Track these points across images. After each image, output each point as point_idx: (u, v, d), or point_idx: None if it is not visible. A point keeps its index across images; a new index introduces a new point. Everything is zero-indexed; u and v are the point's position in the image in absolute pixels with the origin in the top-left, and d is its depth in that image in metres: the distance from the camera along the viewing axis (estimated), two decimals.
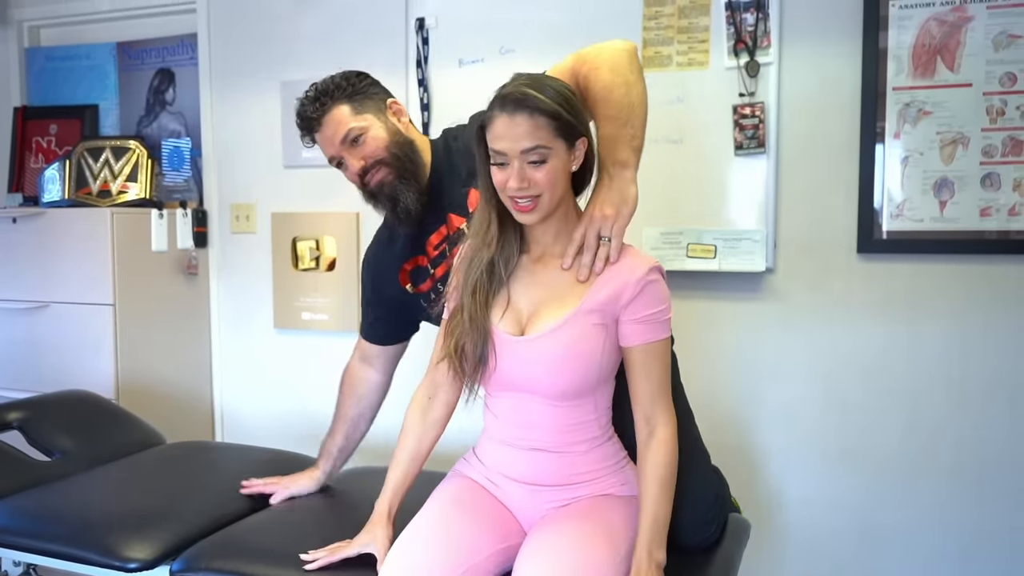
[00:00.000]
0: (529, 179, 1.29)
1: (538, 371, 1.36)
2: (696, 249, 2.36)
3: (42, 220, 2.75)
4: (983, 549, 2.21)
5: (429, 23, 2.62)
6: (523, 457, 1.41)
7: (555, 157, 1.30)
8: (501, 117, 1.30)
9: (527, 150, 1.28)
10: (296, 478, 1.81)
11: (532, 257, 1.42)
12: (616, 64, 1.46)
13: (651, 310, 1.35)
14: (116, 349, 2.67)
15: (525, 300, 1.40)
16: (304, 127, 1.63)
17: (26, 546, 1.63)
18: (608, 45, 1.50)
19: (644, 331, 1.36)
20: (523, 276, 1.41)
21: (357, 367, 1.83)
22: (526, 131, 1.28)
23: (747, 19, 2.28)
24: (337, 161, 1.63)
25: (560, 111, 1.29)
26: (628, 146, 1.43)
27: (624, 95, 1.44)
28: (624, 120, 1.44)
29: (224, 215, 2.96)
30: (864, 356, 2.27)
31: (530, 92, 1.29)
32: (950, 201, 2.16)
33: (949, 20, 2.14)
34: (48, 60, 3.24)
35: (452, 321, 1.42)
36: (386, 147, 1.61)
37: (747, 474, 2.38)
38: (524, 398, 1.40)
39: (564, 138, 1.31)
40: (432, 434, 1.51)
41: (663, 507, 1.35)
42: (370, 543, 1.44)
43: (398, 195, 1.61)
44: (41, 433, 2.03)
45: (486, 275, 1.39)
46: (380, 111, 1.63)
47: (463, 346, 1.39)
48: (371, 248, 1.80)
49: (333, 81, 1.62)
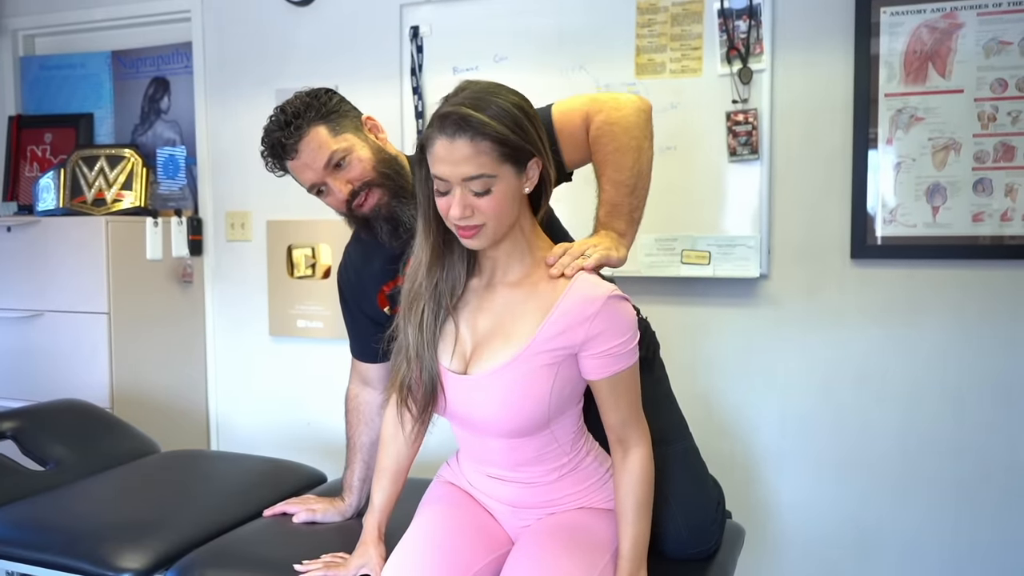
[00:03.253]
0: (473, 207, 1.18)
1: (484, 411, 1.28)
2: (690, 255, 2.37)
3: (37, 229, 2.75)
4: (978, 555, 2.21)
5: (423, 31, 2.62)
6: (494, 484, 1.39)
7: (501, 183, 1.19)
8: (440, 140, 1.17)
9: (468, 178, 1.17)
10: (323, 504, 1.70)
11: (482, 282, 1.32)
12: (631, 126, 1.42)
13: (613, 342, 1.24)
14: (111, 358, 2.67)
15: (470, 332, 1.30)
16: (275, 155, 1.48)
17: (19, 556, 1.62)
18: (626, 100, 1.45)
19: (608, 364, 1.25)
20: (471, 301, 1.31)
21: (359, 392, 1.72)
22: (466, 156, 1.16)
23: (740, 26, 2.29)
24: (318, 189, 1.50)
25: (506, 134, 1.17)
26: (628, 218, 1.40)
27: (635, 162, 1.40)
28: (631, 189, 1.40)
29: (219, 223, 2.96)
30: (858, 361, 2.28)
31: (471, 114, 1.16)
32: (943, 207, 2.17)
33: (940, 27, 2.15)
34: (43, 69, 3.24)
35: (397, 356, 1.33)
36: (373, 167, 1.49)
37: (741, 480, 2.38)
38: (475, 435, 1.35)
39: (512, 162, 1.19)
40: (409, 450, 1.47)
41: (642, 528, 1.30)
42: (365, 564, 1.42)
43: (398, 215, 1.50)
44: (35, 443, 2.02)
45: (430, 307, 1.29)
46: (358, 129, 1.52)
47: (408, 383, 1.31)
48: (346, 265, 1.69)
49: (302, 101, 1.48)
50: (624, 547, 1.30)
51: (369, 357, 1.70)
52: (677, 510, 1.46)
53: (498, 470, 1.37)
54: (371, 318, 1.67)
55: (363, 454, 1.70)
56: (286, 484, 1.90)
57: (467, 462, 1.44)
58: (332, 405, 2.07)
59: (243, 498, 1.81)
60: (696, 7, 2.33)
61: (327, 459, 2.24)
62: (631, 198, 1.40)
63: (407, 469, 1.49)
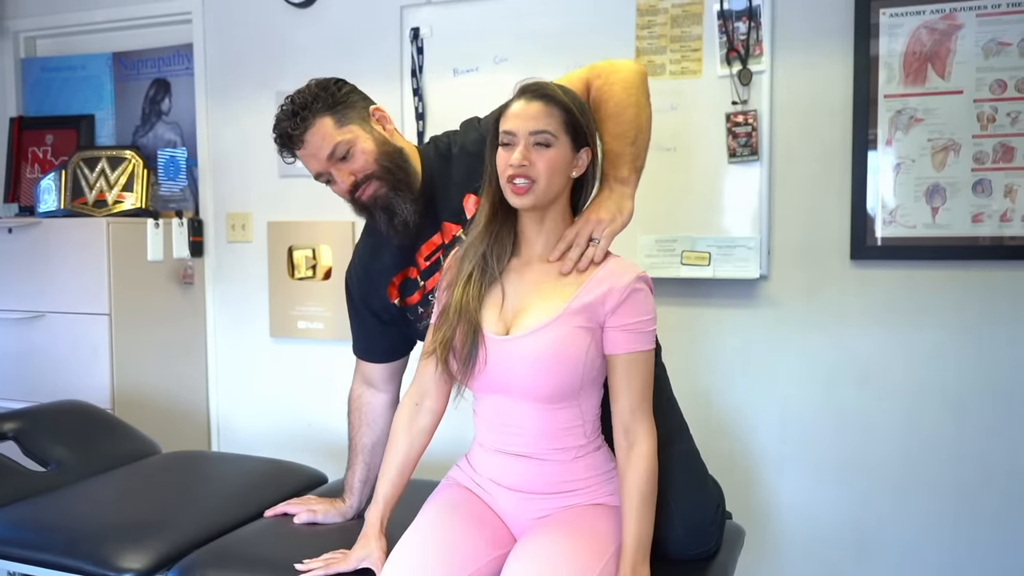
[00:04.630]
0: (530, 159, 1.32)
1: (521, 371, 1.35)
2: (690, 256, 2.37)
3: (38, 230, 2.76)
4: (978, 558, 2.21)
5: (424, 32, 2.63)
6: (509, 464, 1.40)
7: (559, 147, 1.33)
8: (518, 102, 1.35)
9: (535, 131, 1.32)
10: (324, 505, 1.71)
11: (522, 260, 1.42)
12: (629, 84, 1.50)
13: (635, 318, 1.35)
14: (112, 359, 2.68)
15: (512, 298, 1.39)
16: (284, 144, 1.53)
17: (21, 557, 1.63)
18: (622, 63, 1.53)
19: (628, 339, 1.35)
20: (511, 277, 1.41)
21: (362, 392, 1.72)
22: (537, 113, 1.33)
23: (739, 28, 2.29)
24: (326, 177, 1.55)
25: (573, 109, 1.35)
26: (631, 165, 1.47)
27: (634, 116, 1.48)
28: (631, 139, 1.47)
29: (220, 224, 2.97)
30: (858, 363, 2.28)
31: (550, 84, 1.37)
32: (942, 207, 2.18)
33: (939, 28, 2.15)
34: (44, 71, 3.25)
35: (442, 316, 1.41)
36: (376, 159, 1.53)
37: (741, 481, 2.38)
38: (507, 401, 1.38)
39: (571, 136, 1.35)
40: (420, 443, 1.49)
41: (645, 522, 1.34)
42: (367, 557, 1.42)
43: (394, 207, 1.54)
44: (36, 443, 2.03)
45: (479, 268, 1.39)
46: (364, 120, 1.55)
47: (452, 340, 1.38)
48: (355, 264, 1.71)
49: (311, 91, 1.52)
50: (627, 542, 1.32)
51: (373, 356, 1.70)
52: (677, 511, 1.46)
53: (522, 442, 1.39)
54: (377, 315, 1.68)
55: (365, 455, 1.70)
56: (287, 485, 1.90)
57: (485, 443, 1.44)
58: (333, 406, 2.08)
59: (244, 499, 1.82)
60: (696, 8, 2.34)
61: (328, 460, 2.24)
62: (632, 147, 1.47)
63: (414, 463, 1.50)
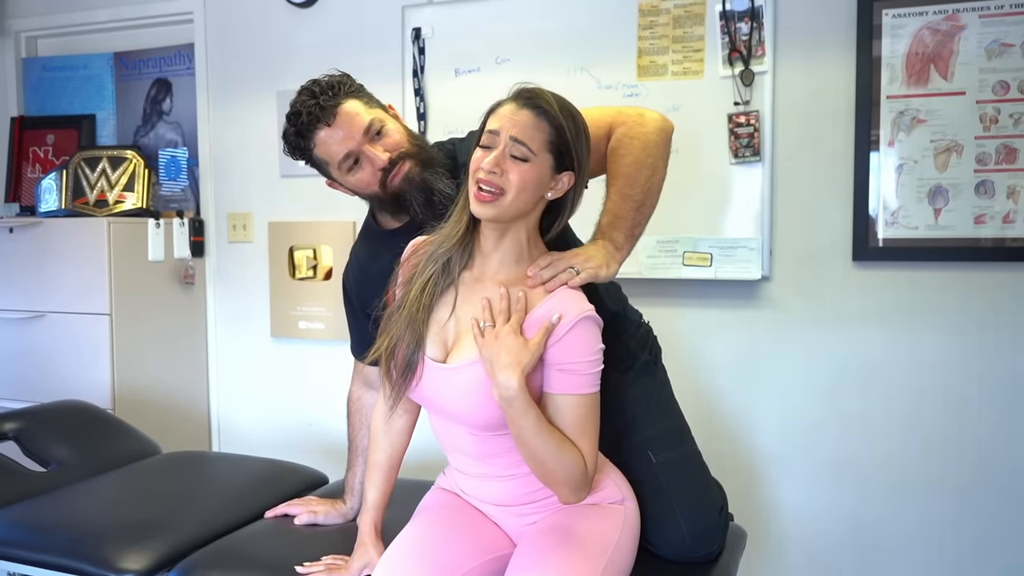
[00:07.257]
0: (503, 168, 1.24)
1: (454, 399, 1.30)
2: (692, 257, 2.37)
3: (39, 230, 2.75)
4: (981, 558, 2.21)
5: (425, 33, 2.62)
6: (474, 481, 1.39)
7: (536, 165, 1.26)
8: (509, 104, 1.29)
9: (515, 140, 1.25)
10: (325, 506, 1.71)
11: (474, 275, 1.34)
12: (649, 144, 1.44)
13: (574, 359, 1.24)
14: (112, 359, 2.67)
15: (454, 320, 1.32)
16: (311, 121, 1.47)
17: (21, 557, 1.63)
18: (650, 116, 1.48)
19: (563, 381, 1.25)
20: (463, 289, 1.34)
21: (361, 393, 1.72)
22: (524, 123, 1.25)
23: (742, 28, 2.29)
24: (355, 157, 1.48)
25: (563, 129, 1.27)
26: (629, 232, 1.41)
27: (647, 179, 1.43)
28: (637, 204, 1.42)
29: (221, 224, 2.97)
30: (860, 364, 2.28)
31: (547, 96, 1.28)
32: (944, 209, 2.17)
33: (942, 29, 2.15)
34: (45, 70, 3.25)
35: (392, 317, 1.35)
36: (408, 139, 1.52)
37: (743, 483, 2.37)
38: (447, 422, 1.35)
39: (554, 156, 1.27)
40: (400, 444, 1.49)
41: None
42: (367, 565, 1.42)
43: (431, 183, 1.49)
44: (37, 444, 2.03)
45: (439, 273, 1.32)
46: (384, 110, 1.56)
47: (394, 350, 1.32)
48: (352, 266, 1.69)
49: (332, 78, 1.51)
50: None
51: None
52: (681, 514, 1.46)
53: (470, 463, 1.36)
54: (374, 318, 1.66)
55: (365, 456, 1.68)
56: (287, 485, 1.90)
57: (449, 459, 1.43)
58: (334, 406, 2.07)
59: (245, 499, 1.82)
60: (698, 9, 2.34)
61: (329, 460, 2.24)
62: (636, 214, 1.42)
63: (399, 464, 1.50)
